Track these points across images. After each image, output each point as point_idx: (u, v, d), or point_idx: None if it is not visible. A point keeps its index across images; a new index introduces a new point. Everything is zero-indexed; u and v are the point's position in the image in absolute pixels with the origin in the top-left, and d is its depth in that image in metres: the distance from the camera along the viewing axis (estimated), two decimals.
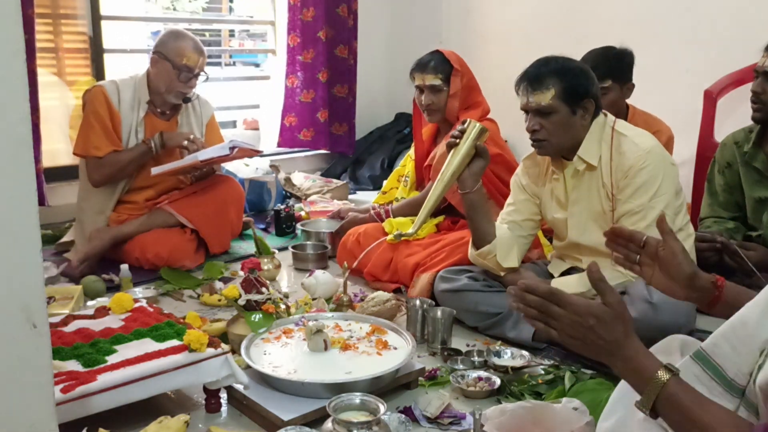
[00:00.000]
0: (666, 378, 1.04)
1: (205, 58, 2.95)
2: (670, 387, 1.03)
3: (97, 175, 2.88)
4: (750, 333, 1.07)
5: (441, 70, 2.75)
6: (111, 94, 2.87)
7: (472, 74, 2.84)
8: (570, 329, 1.10)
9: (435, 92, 2.76)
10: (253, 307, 2.01)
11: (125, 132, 2.90)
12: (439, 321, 2.15)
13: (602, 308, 1.09)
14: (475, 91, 2.84)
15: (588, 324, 1.08)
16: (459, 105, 2.77)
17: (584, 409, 1.54)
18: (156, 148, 2.88)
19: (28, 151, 0.93)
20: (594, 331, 1.08)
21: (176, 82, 2.89)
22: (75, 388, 1.48)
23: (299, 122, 4.43)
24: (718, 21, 3.37)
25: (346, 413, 1.51)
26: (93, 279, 2.55)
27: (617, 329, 1.09)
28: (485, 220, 2.25)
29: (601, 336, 1.08)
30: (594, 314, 1.09)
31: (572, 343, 1.12)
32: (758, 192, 2.36)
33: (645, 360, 1.08)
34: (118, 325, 1.83)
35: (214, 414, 1.75)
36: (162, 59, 2.88)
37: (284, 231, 3.42)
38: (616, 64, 2.70)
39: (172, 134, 2.91)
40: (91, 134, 2.85)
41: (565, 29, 3.99)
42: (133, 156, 2.88)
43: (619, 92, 2.72)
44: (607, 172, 2.08)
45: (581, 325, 1.09)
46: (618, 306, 1.10)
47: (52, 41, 3.58)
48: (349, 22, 4.41)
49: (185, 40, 2.91)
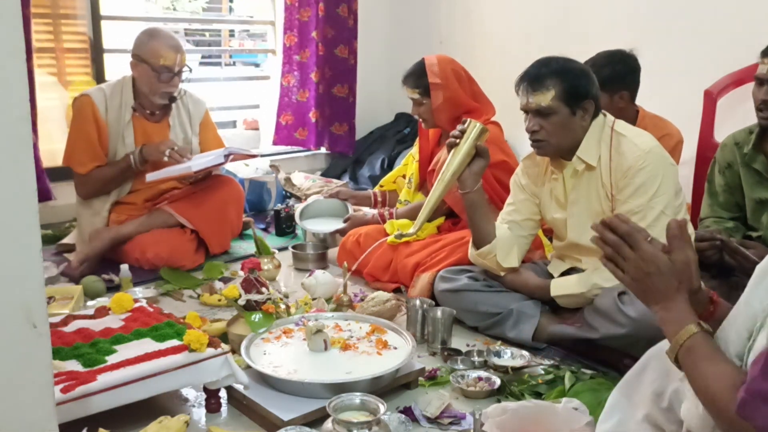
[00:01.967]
0: (694, 331, 1.11)
1: (183, 54, 2.87)
2: (695, 339, 1.11)
3: (82, 190, 2.90)
4: (739, 312, 1.11)
5: (419, 84, 2.70)
6: (98, 104, 2.84)
7: (467, 83, 2.76)
8: (633, 271, 1.19)
9: (417, 104, 2.74)
10: (253, 307, 2.01)
11: (112, 140, 2.88)
12: (439, 321, 2.15)
13: (665, 261, 1.17)
14: (470, 98, 2.74)
15: (648, 269, 1.17)
16: (447, 116, 2.69)
17: (584, 409, 1.54)
18: (136, 164, 2.84)
19: (28, 150, 0.93)
20: (651, 278, 1.17)
21: (157, 83, 2.83)
22: (75, 388, 1.48)
23: (295, 121, 4.44)
24: (718, 21, 3.37)
25: (346, 413, 1.51)
26: (93, 279, 2.55)
27: (671, 284, 1.17)
28: (485, 219, 2.25)
29: (656, 284, 1.17)
30: (657, 263, 1.17)
31: (631, 284, 1.21)
32: (758, 193, 2.36)
33: (683, 314, 1.15)
34: (118, 325, 1.83)
35: (214, 414, 1.75)
36: (140, 62, 2.83)
37: (284, 231, 3.42)
38: (623, 69, 2.67)
39: (151, 148, 2.84)
40: (75, 149, 2.85)
41: (565, 29, 3.99)
42: (114, 173, 2.87)
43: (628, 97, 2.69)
44: (607, 172, 2.08)
45: (642, 269, 1.18)
46: (680, 264, 1.17)
47: (51, 41, 3.58)
48: (349, 22, 4.41)
49: (159, 40, 2.83)
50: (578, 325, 2.07)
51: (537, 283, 2.23)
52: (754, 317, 1.07)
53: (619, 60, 2.70)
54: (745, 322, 1.08)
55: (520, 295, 2.24)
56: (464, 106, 2.71)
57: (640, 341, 1.73)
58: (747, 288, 1.13)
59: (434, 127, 2.81)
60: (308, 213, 3.17)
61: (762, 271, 1.11)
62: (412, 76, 2.74)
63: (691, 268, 1.18)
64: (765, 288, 1.08)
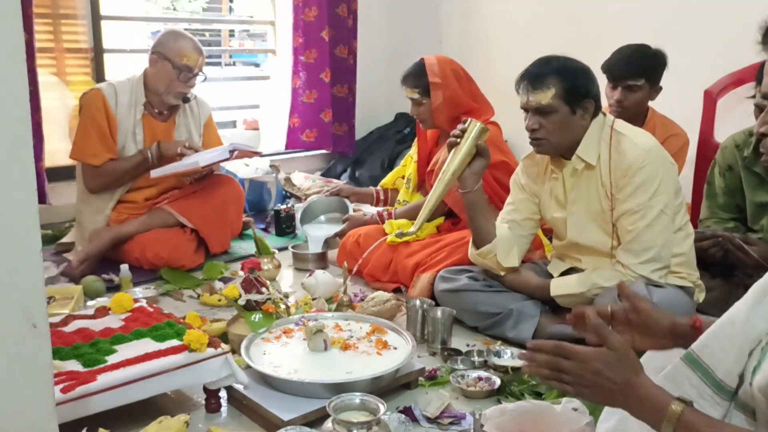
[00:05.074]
0: (680, 409, 1.05)
1: (204, 59, 2.95)
2: (686, 416, 1.04)
3: (93, 183, 2.89)
4: (738, 332, 1.08)
5: (419, 83, 2.69)
6: (108, 98, 2.86)
7: (466, 83, 2.75)
8: (581, 379, 1.12)
9: (416, 104, 2.73)
10: (253, 307, 2.01)
11: (121, 136, 2.90)
12: (439, 321, 2.15)
13: (606, 352, 1.11)
14: (469, 98, 2.74)
15: (595, 369, 1.10)
16: (446, 117, 2.69)
17: (584, 409, 1.54)
18: (153, 159, 2.86)
19: (28, 150, 0.93)
20: (603, 376, 1.10)
21: (176, 82, 2.88)
22: (75, 388, 1.48)
23: (302, 123, 4.43)
24: (718, 21, 3.37)
25: (346, 413, 1.51)
26: (93, 279, 2.55)
27: (625, 369, 1.10)
28: (485, 219, 2.25)
29: (611, 379, 1.10)
30: (599, 359, 1.10)
31: (586, 394, 1.13)
32: (759, 197, 2.36)
33: (658, 396, 1.08)
34: (118, 325, 1.83)
35: (214, 414, 1.75)
36: (161, 59, 2.87)
37: (284, 231, 3.42)
38: (652, 64, 2.69)
39: (169, 144, 2.89)
40: (87, 141, 2.85)
41: (565, 29, 3.99)
42: (129, 166, 2.88)
43: (647, 92, 2.71)
44: (606, 171, 2.08)
45: (589, 371, 1.10)
46: (621, 347, 1.11)
47: (52, 41, 3.58)
48: (349, 22, 4.41)
49: (185, 40, 2.91)
50: None
51: (537, 283, 2.23)
52: (757, 336, 1.05)
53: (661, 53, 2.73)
54: (747, 342, 1.06)
55: (520, 295, 2.24)
56: (463, 106, 2.71)
57: None
58: (742, 304, 1.10)
59: (433, 127, 2.81)
60: (309, 212, 3.17)
61: (762, 289, 1.09)
62: (411, 76, 2.73)
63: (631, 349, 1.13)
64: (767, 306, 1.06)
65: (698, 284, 2.16)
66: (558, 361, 1.13)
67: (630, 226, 2.02)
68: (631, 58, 2.66)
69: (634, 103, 2.66)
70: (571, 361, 1.12)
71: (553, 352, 1.14)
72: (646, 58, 2.68)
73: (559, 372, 1.13)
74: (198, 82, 2.97)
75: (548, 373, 1.15)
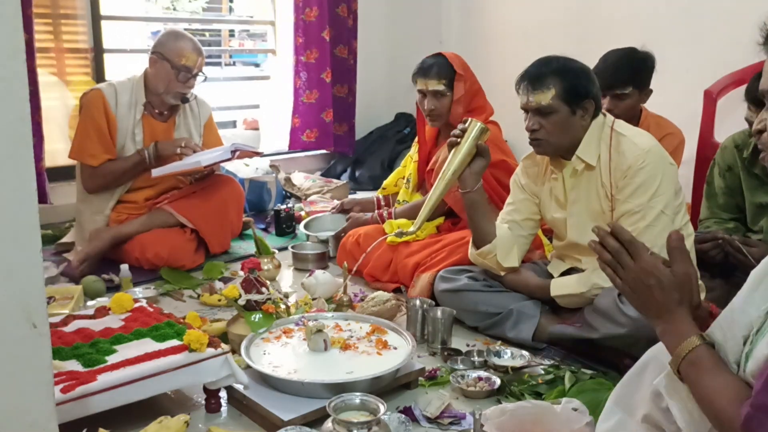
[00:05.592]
0: (697, 343, 1.09)
1: (204, 59, 2.95)
2: (697, 351, 1.08)
3: (91, 184, 2.89)
4: (735, 319, 1.10)
5: (444, 75, 2.68)
6: (109, 98, 2.86)
7: (476, 78, 2.79)
8: (632, 282, 1.16)
9: (438, 97, 2.70)
10: (253, 307, 2.01)
11: (121, 136, 2.89)
12: (439, 321, 2.15)
13: (667, 274, 1.14)
14: (479, 95, 2.78)
15: (649, 282, 1.14)
16: (462, 110, 2.70)
17: (584, 409, 1.54)
18: (150, 159, 2.86)
19: (28, 150, 0.93)
20: (651, 291, 1.14)
21: (175, 82, 2.88)
22: (75, 388, 1.48)
23: (303, 123, 4.43)
24: (718, 21, 3.37)
25: (346, 413, 1.51)
26: (93, 279, 2.55)
27: (672, 296, 1.14)
28: (485, 219, 2.25)
29: (656, 297, 1.14)
30: (657, 276, 1.14)
31: (630, 295, 1.18)
32: (759, 197, 2.36)
33: (684, 326, 1.12)
34: (118, 325, 1.83)
35: (214, 414, 1.75)
36: (161, 59, 2.88)
37: (284, 231, 3.42)
38: (639, 70, 2.64)
39: (166, 144, 2.89)
40: (87, 141, 2.85)
41: (565, 29, 3.99)
42: (127, 167, 2.88)
43: (637, 98, 2.67)
44: (606, 171, 2.08)
45: (642, 281, 1.15)
46: (682, 276, 1.14)
47: (51, 41, 3.58)
48: (348, 22, 4.41)
49: (184, 41, 2.91)
50: (578, 325, 2.07)
51: (537, 283, 2.23)
52: (750, 323, 1.07)
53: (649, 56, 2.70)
54: (742, 328, 1.07)
55: (520, 295, 2.24)
56: (477, 100, 2.74)
57: (640, 341, 1.73)
58: (741, 293, 1.12)
59: (444, 124, 2.78)
60: (312, 228, 3.22)
61: (757, 277, 1.10)
62: (435, 67, 2.70)
63: (692, 282, 1.15)
64: (761, 293, 1.07)
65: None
66: (624, 255, 1.17)
67: (630, 227, 2.02)
68: (618, 65, 2.61)
69: (624, 111, 2.62)
70: (634, 262, 1.16)
71: (626, 245, 1.17)
72: (632, 63, 2.63)
73: (618, 264, 1.17)
74: (198, 83, 2.97)
75: (609, 259, 1.18)
